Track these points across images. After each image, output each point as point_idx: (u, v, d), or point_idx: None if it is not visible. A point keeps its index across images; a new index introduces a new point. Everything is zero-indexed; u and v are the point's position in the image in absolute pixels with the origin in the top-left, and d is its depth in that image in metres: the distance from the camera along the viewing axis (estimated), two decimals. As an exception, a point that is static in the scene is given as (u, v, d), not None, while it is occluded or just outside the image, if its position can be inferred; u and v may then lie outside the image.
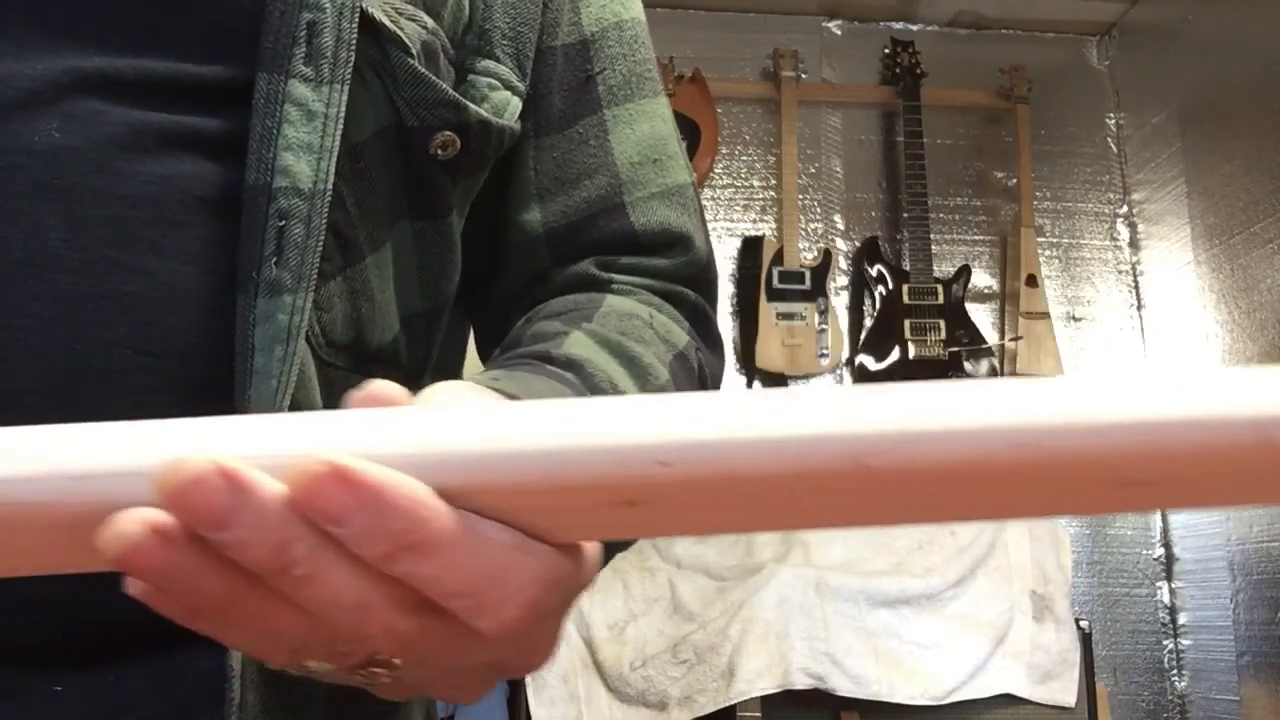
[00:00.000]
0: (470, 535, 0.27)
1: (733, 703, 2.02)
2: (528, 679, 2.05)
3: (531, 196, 0.62)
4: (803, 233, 2.84)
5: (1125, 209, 2.97)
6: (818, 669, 2.04)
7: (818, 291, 2.72)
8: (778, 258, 2.72)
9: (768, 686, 2.03)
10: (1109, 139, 3.02)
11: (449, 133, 0.55)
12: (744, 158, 2.88)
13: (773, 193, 2.85)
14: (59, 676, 0.47)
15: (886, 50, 2.90)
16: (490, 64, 0.59)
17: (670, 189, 0.64)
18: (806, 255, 2.78)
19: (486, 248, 0.64)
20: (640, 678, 2.06)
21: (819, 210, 2.89)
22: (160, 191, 0.48)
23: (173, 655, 0.49)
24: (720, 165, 2.85)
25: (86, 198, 0.47)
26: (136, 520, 0.26)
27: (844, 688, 2.04)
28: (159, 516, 0.26)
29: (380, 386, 0.31)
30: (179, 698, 0.49)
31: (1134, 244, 2.95)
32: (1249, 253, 2.48)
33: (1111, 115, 3.02)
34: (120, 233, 0.47)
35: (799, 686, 2.03)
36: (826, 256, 2.77)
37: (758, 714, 2.05)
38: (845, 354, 2.74)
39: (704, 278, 0.65)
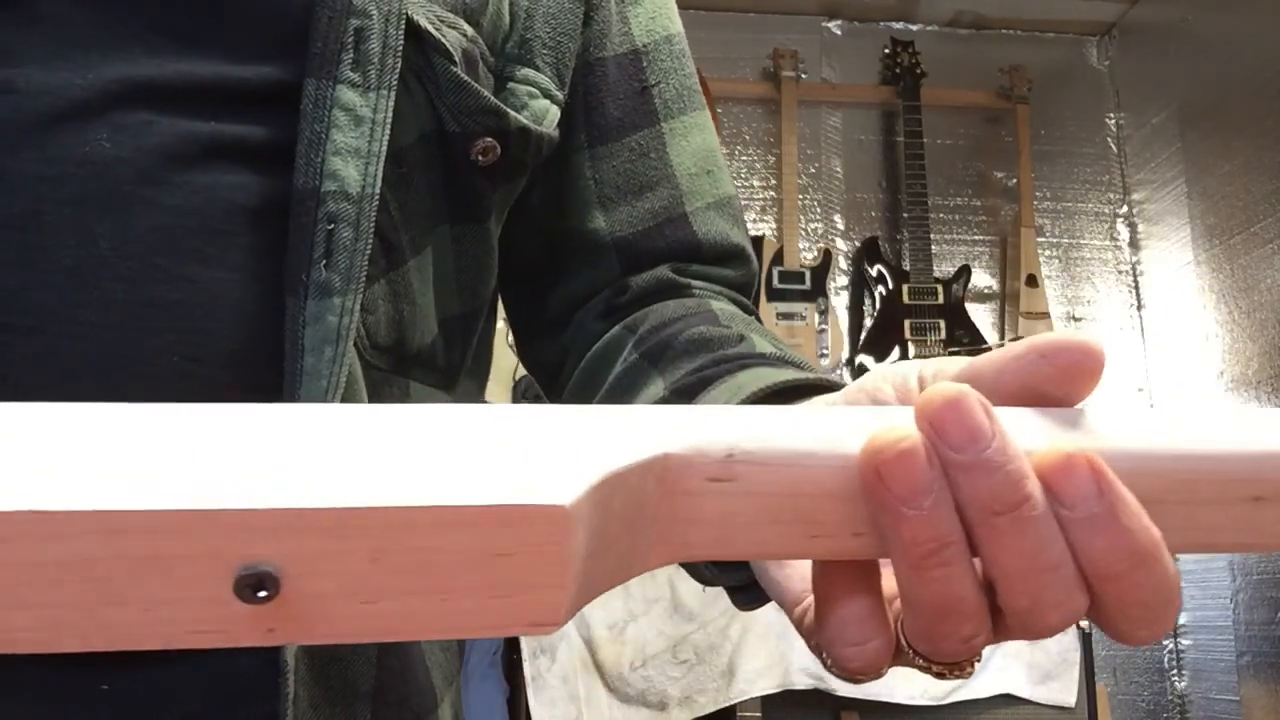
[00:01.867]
0: (1166, 555, 0.30)
1: (733, 703, 2.02)
2: (528, 679, 2.05)
3: (594, 205, 0.64)
4: (803, 233, 2.84)
5: (1125, 209, 2.97)
6: (817, 669, 2.04)
7: (818, 291, 2.72)
8: (778, 258, 2.72)
9: (768, 686, 2.03)
10: (1109, 139, 3.02)
11: (490, 139, 0.56)
12: (744, 158, 2.88)
13: (773, 193, 2.85)
14: (105, 675, 0.48)
15: (886, 50, 2.90)
16: (530, 72, 0.60)
17: (722, 200, 0.67)
18: (806, 255, 2.78)
19: (539, 252, 0.66)
20: (640, 678, 2.06)
21: (819, 210, 2.89)
22: (206, 201, 0.49)
23: (219, 652, 0.49)
24: (720, 165, 2.85)
25: (134, 207, 0.48)
26: (912, 432, 0.29)
27: (844, 688, 2.04)
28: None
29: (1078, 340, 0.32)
30: (223, 694, 0.49)
31: (1134, 244, 2.95)
32: (1249, 253, 2.48)
33: (1111, 115, 3.02)
34: (167, 242, 0.48)
35: (799, 686, 2.03)
36: (826, 256, 2.77)
37: (758, 714, 2.05)
38: (845, 354, 2.74)
39: (753, 287, 0.68)
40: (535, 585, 0.27)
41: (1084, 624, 2.23)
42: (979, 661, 0.33)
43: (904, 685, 2.06)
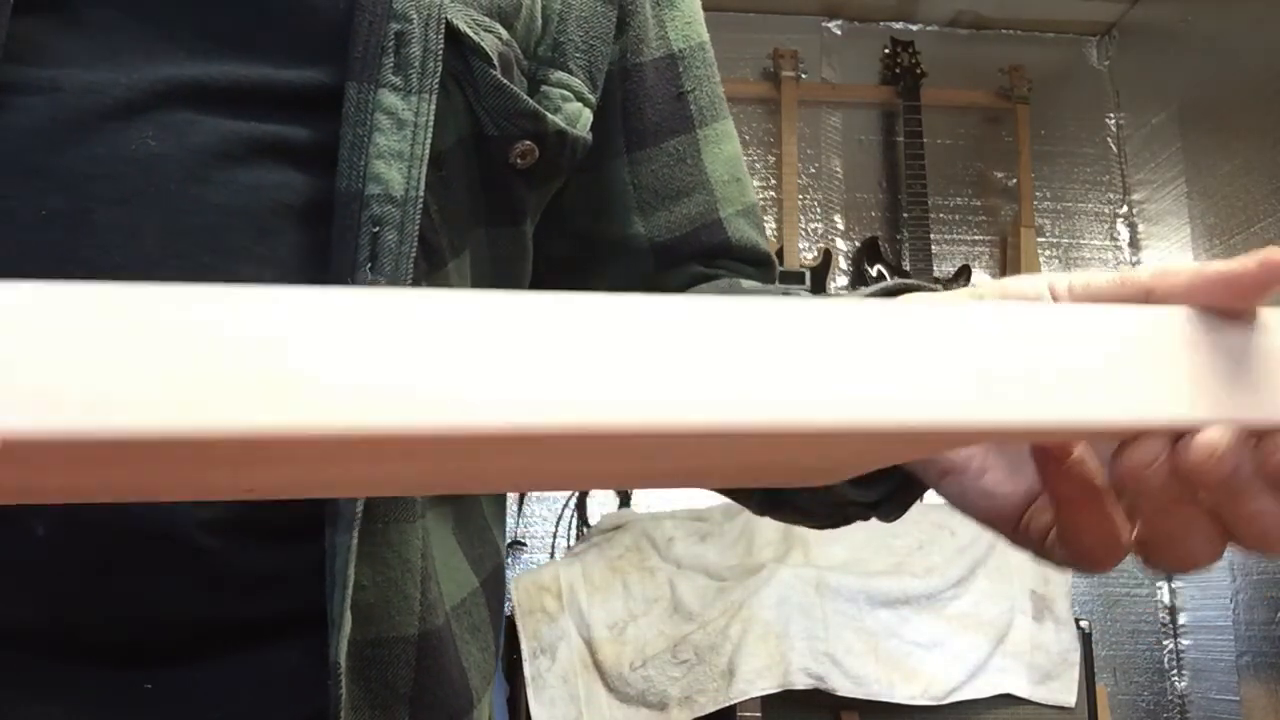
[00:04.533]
0: None
1: (733, 703, 2.02)
2: (528, 679, 2.05)
3: (633, 210, 0.66)
4: (803, 233, 2.84)
5: (1125, 209, 2.97)
6: (818, 669, 2.04)
7: (818, 291, 2.72)
8: (778, 257, 2.73)
9: (768, 686, 2.03)
10: (1109, 139, 3.01)
11: (528, 142, 0.57)
12: (744, 158, 2.87)
13: (773, 193, 2.85)
14: (150, 674, 0.48)
15: (886, 50, 2.90)
16: (563, 75, 0.60)
17: (749, 207, 0.70)
18: (806, 255, 2.78)
19: (569, 252, 0.67)
20: (640, 678, 2.05)
21: (819, 210, 2.89)
22: (251, 199, 0.49)
23: (263, 652, 0.50)
24: (720, 165, 2.85)
25: (181, 205, 0.48)
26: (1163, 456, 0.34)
27: (844, 688, 2.04)
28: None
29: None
30: (269, 694, 0.50)
31: (1134, 244, 2.95)
32: (1249, 253, 2.47)
33: (1111, 115, 3.02)
34: (214, 239, 0.48)
35: (799, 686, 2.03)
36: (826, 256, 2.77)
37: (758, 714, 2.05)
38: (845, 354, 2.74)
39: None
40: None
41: (1084, 624, 2.23)
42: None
43: (904, 685, 2.06)
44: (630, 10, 0.65)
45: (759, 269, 0.69)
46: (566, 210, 0.65)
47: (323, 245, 0.50)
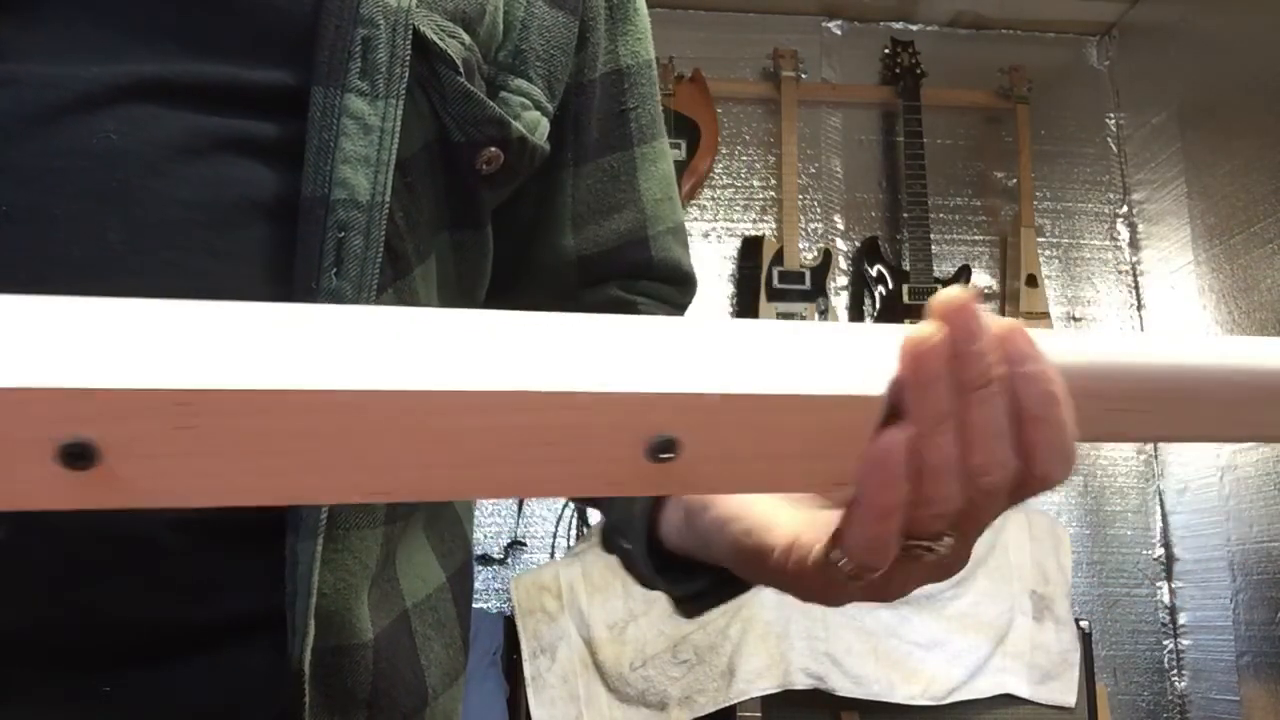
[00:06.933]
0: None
1: (733, 703, 2.02)
2: (528, 679, 2.05)
3: (567, 221, 0.66)
4: (803, 233, 2.84)
5: (1125, 209, 2.97)
6: (818, 669, 2.04)
7: (818, 291, 2.72)
8: (778, 258, 2.72)
9: (768, 686, 2.03)
10: (1109, 139, 3.01)
11: (494, 149, 0.57)
12: (744, 158, 2.88)
13: (773, 193, 2.85)
14: (108, 678, 0.48)
15: (886, 50, 2.90)
16: (523, 83, 0.61)
17: (677, 226, 0.70)
18: (806, 255, 2.78)
19: (504, 264, 0.67)
20: (640, 678, 2.05)
21: (819, 210, 2.88)
22: (214, 194, 0.49)
23: (222, 655, 0.50)
24: (720, 165, 2.85)
25: (143, 200, 0.47)
26: (937, 330, 0.34)
27: (844, 687, 2.04)
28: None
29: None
30: (229, 697, 0.50)
31: (1134, 244, 2.94)
32: (1249, 253, 2.48)
33: (1111, 115, 3.02)
34: (176, 234, 0.48)
35: (799, 686, 2.03)
36: (826, 256, 2.77)
37: (758, 714, 2.05)
38: (845, 354, 2.73)
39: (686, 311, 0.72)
40: None
41: (1084, 624, 2.23)
42: (945, 540, 0.38)
43: (904, 685, 2.06)
44: (590, 25, 0.66)
45: (678, 287, 0.70)
46: (521, 224, 0.66)
47: (288, 242, 0.49)
